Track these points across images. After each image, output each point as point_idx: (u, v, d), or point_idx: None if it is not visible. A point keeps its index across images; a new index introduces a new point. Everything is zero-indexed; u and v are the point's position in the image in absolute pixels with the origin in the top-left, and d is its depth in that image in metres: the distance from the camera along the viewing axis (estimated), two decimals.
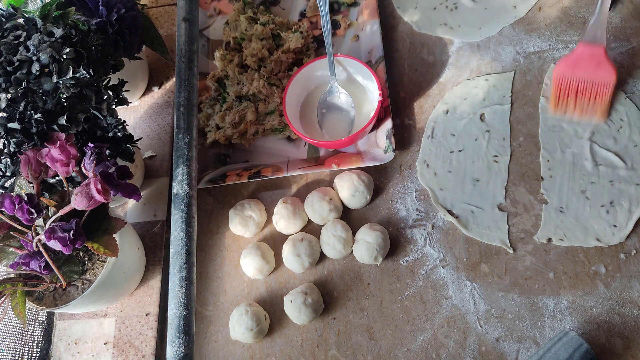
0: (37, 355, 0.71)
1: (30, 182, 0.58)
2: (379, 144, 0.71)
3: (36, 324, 0.73)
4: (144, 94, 0.86)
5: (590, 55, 0.65)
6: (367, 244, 0.65)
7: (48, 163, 0.56)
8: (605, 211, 0.62)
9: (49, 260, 0.57)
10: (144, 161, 0.79)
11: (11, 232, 0.58)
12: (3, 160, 0.60)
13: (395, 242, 0.68)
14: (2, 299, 0.58)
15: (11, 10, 0.60)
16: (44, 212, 0.57)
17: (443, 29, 0.77)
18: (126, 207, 0.78)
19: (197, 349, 0.67)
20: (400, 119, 0.74)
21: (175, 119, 0.71)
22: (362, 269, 0.68)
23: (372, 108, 0.71)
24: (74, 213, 0.56)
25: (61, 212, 0.55)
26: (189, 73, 0.73)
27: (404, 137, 0.73)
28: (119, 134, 0.64)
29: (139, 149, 0.78)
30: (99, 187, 0.53)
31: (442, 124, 0.72)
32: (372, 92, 0.73)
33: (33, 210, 0.54)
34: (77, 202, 0.53)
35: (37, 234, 0.57)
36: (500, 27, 0.75)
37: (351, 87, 0.74)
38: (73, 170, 0.56)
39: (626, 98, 0.66)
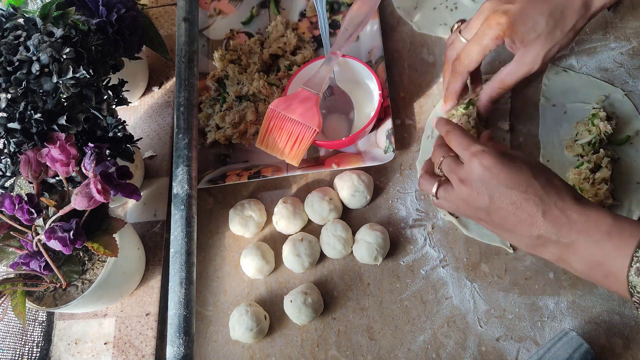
0: (37, 355, 0.71)
1: (30, 182, 0.58)
2: (379, 144, 0.71)
3: (36, 324, 0.73)
4: (144, 94, 0.86)
5: (305, 98, 0.68)
6: (367, 244, 0.65)
7: (48, 163, 0.56)
8: None
9: (49, 260, 0.57)
10: (144, 161, 0.80)
11: (11, 232, 0.58)
12: (3, 160, 0.60)
13: (395, 242, 0.68)
14: (2, 299, 0.58)
15: (11, 10, 0.60)
16: (44, 212, 0.57)
17: (443, 29, 0.77)
18: (126, 207, 0.78)
19: (197, 349, 0.67)
20: (400, 119, 0.74)
21: (175, 119, 0.71)
22: (362, 269, 0.68)
23: (372, 108, 0.71)
24: (74, 213, 0.56)
25: (61, 212, 0.55)
26: (189, 73, 0.73)
27: (404, 137, 0.73)
28: (119, 134, 0.64)
29: (139, 149, 0.78)
30: (99, 187, 0.53)
31: None
32: (372, 92, 0.73)
33: (33, 210, 0.54)
34: (77, 202, 0.53)
35: (37, 234, 0.57)
36: None
37: (351, 87, 0.74)
38: (73, 170, 0.56)
39: (624, 96, 0.66)
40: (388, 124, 0.70)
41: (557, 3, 0.57)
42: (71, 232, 0.54)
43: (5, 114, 0.56)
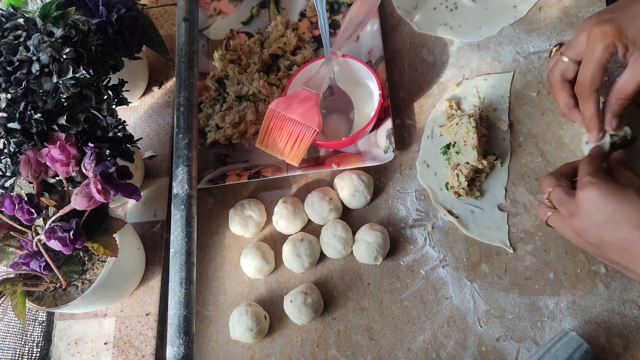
0: (37, 355, 0.71)
1: (30, 182, 0.58)
2: (379, 144, 0.71)
3: (36, 324, 0.73)
4: (144, 94, 0.86)
5: (305, 98, 0.68)
6: (367, 244, 0.65)
7: (48, 163, 0.56)
8: None
9: (49, 260, 0.57)
10: (144, 161, 0.80)
11: (11, 232, 0.58)
12: (3, 160, 0.60)
13: (395, 242, 0.68)
14: (2, 299, 0.58)
15: (11, 10, 0.60)
16: (44, 212, 0.57)
17: (443, 29, 0.77)
18: (126, 207, 0.78)
19: (197, 349, 0.67)
20: (400, 119, 0.74)
21: (175, 119, 0.71)
22: (362, 269, 0.68)
23: (372, 108, 0.71)
24: (74, 213, 0.56)
25: (61, 212, 0.55)
26: (189, 73, 0.73)
27: (404, 137, 0.73)
28: (119, 134, 0.64)
29: (139, 149, 0.78)
30: (99, 187, 0.53)
31: (442, 123, 0.72)
32: (372, 92, 0.73)
33: (33, 210, 0.54)
34: (77, 202, 0.53)
35: (37, 234, 0.57)
36: (500, 27, 0.75)
37: (351, 87, 0.74)
38: (73, 170, 0.56)
39: None
40: (388, 124, 0.70)
41: None
42: (71, 232, 0.54)
43: (5, 114, 0.56)
